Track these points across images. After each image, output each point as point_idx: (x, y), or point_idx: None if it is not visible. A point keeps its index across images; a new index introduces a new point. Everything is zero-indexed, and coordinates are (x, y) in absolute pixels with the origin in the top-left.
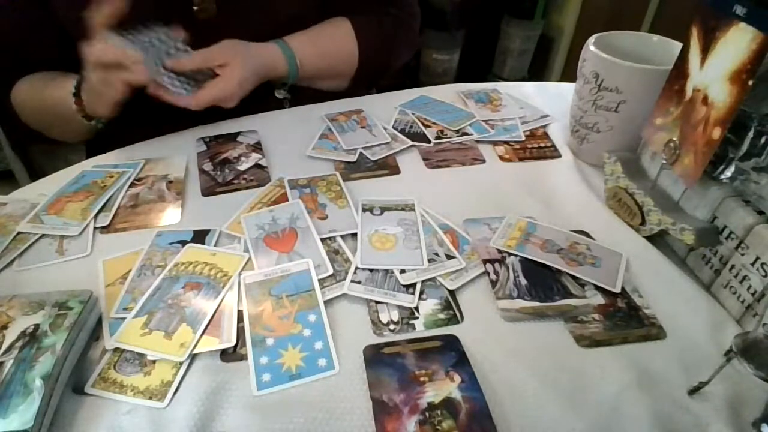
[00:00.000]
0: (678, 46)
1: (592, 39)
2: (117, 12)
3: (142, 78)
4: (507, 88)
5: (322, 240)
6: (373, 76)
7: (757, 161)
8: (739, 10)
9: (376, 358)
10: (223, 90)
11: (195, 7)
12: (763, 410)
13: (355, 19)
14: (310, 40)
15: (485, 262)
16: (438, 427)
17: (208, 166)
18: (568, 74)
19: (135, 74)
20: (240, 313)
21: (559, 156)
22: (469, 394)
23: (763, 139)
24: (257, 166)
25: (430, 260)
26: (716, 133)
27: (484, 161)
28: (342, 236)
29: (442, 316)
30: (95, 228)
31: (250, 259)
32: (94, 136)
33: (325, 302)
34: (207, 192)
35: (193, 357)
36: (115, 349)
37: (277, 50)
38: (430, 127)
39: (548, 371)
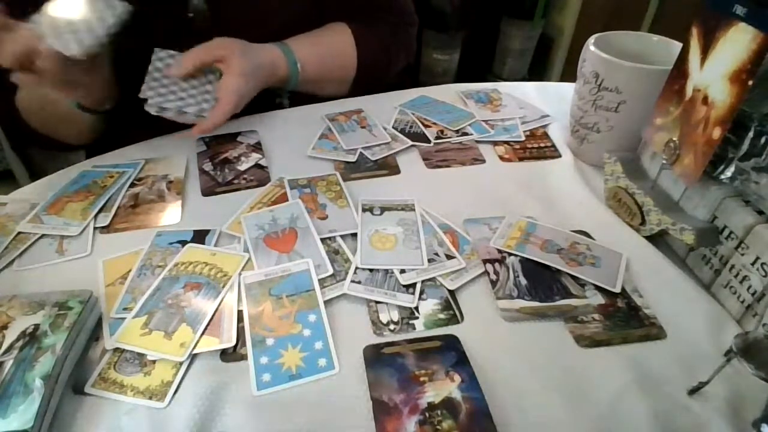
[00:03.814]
0: (678, 46)
1: (592, 39)
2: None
3: (50, 65)
4: (507, 88)
5: (322, 240)
6: (372, 82)
7: (757, 161)
8: (739, 10)
9: (376, 358)
10: (233, 85)
11: (190, 15)
12: (763, 410)
13: (354, 26)
14: (311, 43)
15: (485, 262)
16: (438, 427)
17: (208, 166)
18: (568, 74)
19: (43, 64)
20: (240, 313)
21: (559, 156)
22: (469, 394)
23: (763, 139)
24: (257, 166)
25: (430, 260)
26: (716, 133)
27: (484, 161)
28: (342, 236)
29: (442, 316)
30: (95, 228)
31: (250, 259)
32: (99, 135)
33: (325, 302)
34: (207, 192)
35: (193, 357)
36: (115, 349)
37: (278, 51)
38: (430, 127)
39: (548, 371)
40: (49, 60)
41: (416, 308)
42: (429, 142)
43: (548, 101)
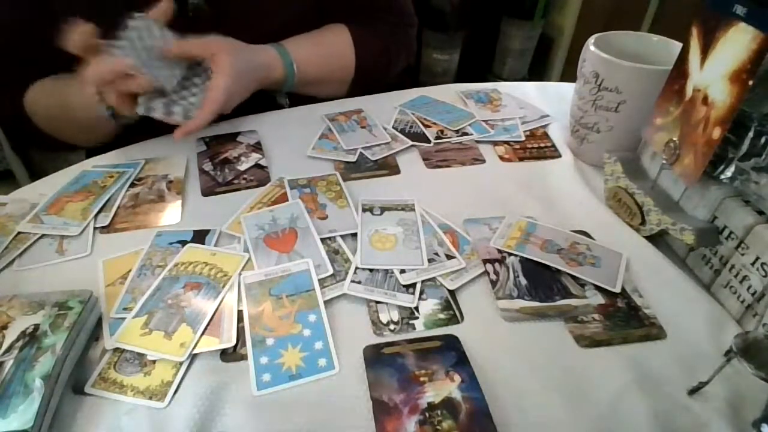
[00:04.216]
0: (678, 46)
1: (592, 39)
2: (92, 32)
3: (144, 84)
4: (507, 88)
5: (322, 240)
6: (371, 83)
7: (757, 161)
8: (739, 10)
9: (376, 358)
10: (222, 84)
11: (189, 14)
12: (763, 410)
13: (352, 27)
14: (308, 44)
15: (485, 262)
16: (438, 427)
17: (208, 166)
18: (568, 74)
19: (138, 81)
20: (240, 313)
21: (559, 156)
22: (469, 394)
23: (763, 139)
24: (257, 166)
25: (430, 260)
26: (716, 133)
27: (484, 161)
28: (342, 236)
29: (442, 316)
30: (95, 228)
31: (250, 259)
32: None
33: (325, 302)
34: (207, 192)
35: (193, 357)
36: (115, 349)
37: (274, 52)
38: (430, 127)
39: (548, 371)
40: (143, 86)
41: (416, 308)
42: (429, 142)
43: (548, 101)
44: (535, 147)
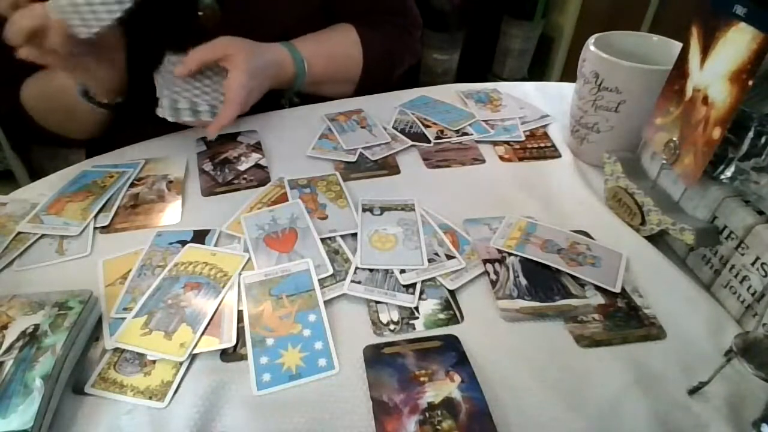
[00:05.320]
0: (678, 46)
1: (592, 39)
2: None
3: (57, 43)
4: (507, 88)
5: (322, 240)
6: (376, 83)
7: (757, 161)
8: (739, 10)
9: (376, 358)
10: (240, 81)
11: (200, 13)
12: (763, 410)
13: (360, 27)
14: (317, 43)
15: (485, 262)
16: (438, 427)
17: (208, 166)
18: (568, 74)
19: (51, 41)
20: (240, 313)
21: (559, 156)
22: (469, 394)
23: (763, 139)
24: (257, 166)
25: (430, 260)
26: (716, 133)
27: (484, 161)
28: (342, 236)
29: (442, 316)
30: (95, 228)
31: (250, 259)
32: (103, 131)
33: (325, 302)
34: (207, 192)
35: (193, 357)
36: (115, 349)
37: (285, 51)
38: (430, 127)
39: (548, 371)
40: (56, 37)
41: (416, 308)
42: (429, 142)
43: (548, 101)
44: (535, 147)
